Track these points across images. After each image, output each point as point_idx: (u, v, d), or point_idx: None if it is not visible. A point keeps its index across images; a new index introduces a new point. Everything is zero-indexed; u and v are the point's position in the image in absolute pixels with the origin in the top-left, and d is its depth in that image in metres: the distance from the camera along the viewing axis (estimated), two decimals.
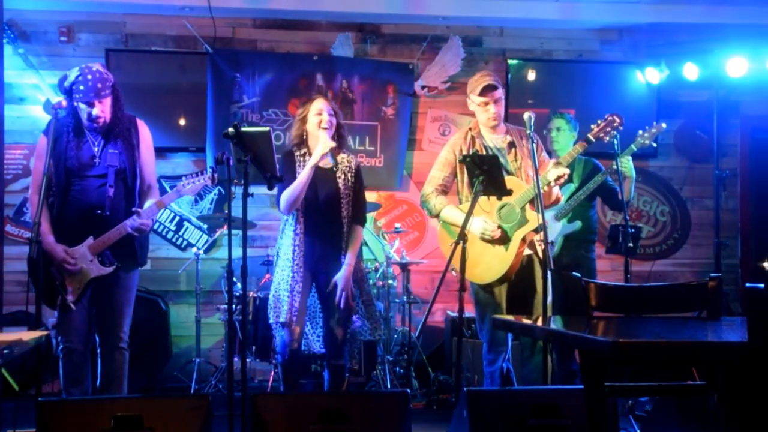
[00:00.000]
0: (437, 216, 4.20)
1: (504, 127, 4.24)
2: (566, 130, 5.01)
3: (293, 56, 6.29)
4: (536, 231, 3.99)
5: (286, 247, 4.20)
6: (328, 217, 4.20)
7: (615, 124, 4.19)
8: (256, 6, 6.10)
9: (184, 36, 6.18)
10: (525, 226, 4.00)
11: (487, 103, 4.12)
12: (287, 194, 4.10)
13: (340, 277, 4.15)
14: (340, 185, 4.21)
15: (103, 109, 3.88)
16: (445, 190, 4.22)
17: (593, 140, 4.19)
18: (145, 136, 4.07)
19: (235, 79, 6.15)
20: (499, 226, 4.00)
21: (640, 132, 4.83)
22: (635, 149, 4.78)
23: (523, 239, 4.02)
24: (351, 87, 6.31)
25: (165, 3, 5.97)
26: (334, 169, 4.24)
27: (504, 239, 4.02)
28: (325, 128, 4.16)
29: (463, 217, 3.88)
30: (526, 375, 4.12)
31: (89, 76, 3.82)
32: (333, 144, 4.15)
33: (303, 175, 4.09)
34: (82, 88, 3.81)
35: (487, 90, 4.10)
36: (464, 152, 4.14)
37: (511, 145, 4.15)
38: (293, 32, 6.35)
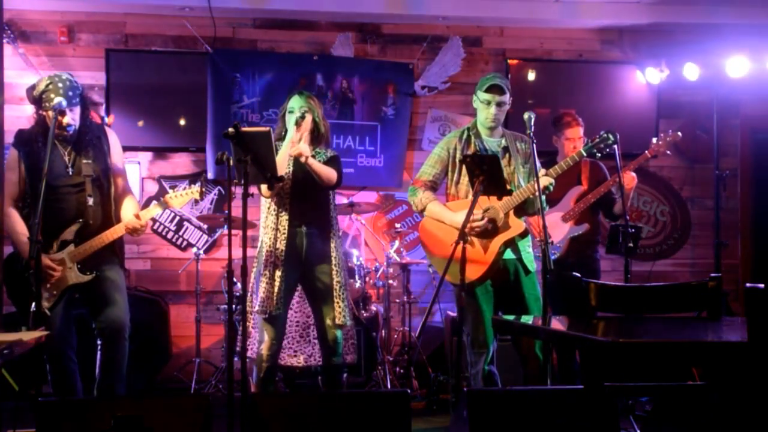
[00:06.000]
0: (422, 210, 4.19)
1: (501, 131, 4.22)
2: None
3: (293, 56, 6.28)
4: (522, 236, 4.03)
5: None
6: (311, 204, 4.20)
7: (609, 142, 4.11)
8: (256, 6, 6.09)
9: (184, 36, 6.17)
10: (506, 231, 4.02)
11: (489, 103, 4.10)
12: None
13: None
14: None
15: (73, 117, 3.89)
16: (434, 187, 4.22)
17: (585, 155, 4.16)
18: (115, 143, 4.10)
19: (235, 79, 6.14)
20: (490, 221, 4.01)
21: (655, 140, 4.83)
22: (650, 156, 4.79)
23: (504, 244, 4.02)
24: (351, 87, 6.30)
25: (165, 3, 5.96)
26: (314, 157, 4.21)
27: (488, 240, 4.02)
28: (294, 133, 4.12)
29: (448, 215, 4.04)
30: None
31: (60, 84, 3.81)
32: (294, 152, 4.09)
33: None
34: (53, 96, 3.79)
35: (493, 89, 4.10)
36: (458, 151, 4.15)
37: (506, 150, 4.15)
38: (293, 32, 6.35)
